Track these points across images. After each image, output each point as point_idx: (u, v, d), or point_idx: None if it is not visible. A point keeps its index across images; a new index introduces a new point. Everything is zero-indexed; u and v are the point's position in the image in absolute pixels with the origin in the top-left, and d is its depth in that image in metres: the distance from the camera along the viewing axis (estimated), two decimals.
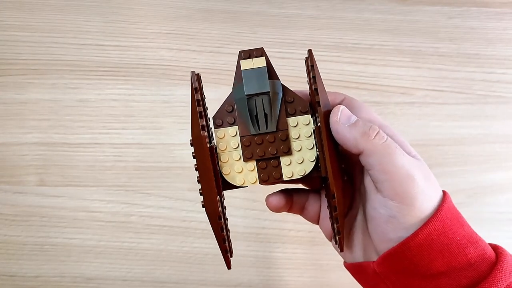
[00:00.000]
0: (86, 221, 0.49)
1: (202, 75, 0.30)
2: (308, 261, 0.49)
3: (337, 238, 0.29)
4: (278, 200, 0.31)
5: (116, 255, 0.49)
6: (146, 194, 0.50)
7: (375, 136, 0.26)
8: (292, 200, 0.32)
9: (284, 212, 0.32)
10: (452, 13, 0.54)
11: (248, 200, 0.50)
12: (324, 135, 0.27)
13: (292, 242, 0.50)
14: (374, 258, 0.29)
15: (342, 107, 0.28)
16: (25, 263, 0.48)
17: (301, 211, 0.33)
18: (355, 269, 0.31)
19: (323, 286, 0.50)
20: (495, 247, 0.28)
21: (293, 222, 0.49)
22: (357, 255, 0.31)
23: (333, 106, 0.28)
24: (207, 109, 0.31)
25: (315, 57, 0.28)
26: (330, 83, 0.51)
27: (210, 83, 0.51)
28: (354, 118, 0.27)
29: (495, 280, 0.25)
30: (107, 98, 0.51)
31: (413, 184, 0.26)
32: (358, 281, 0.31)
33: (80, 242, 0.49)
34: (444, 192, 0.28)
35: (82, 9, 0.52)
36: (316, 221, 0.33)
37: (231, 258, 0.30)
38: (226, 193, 0.30)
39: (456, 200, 0.51)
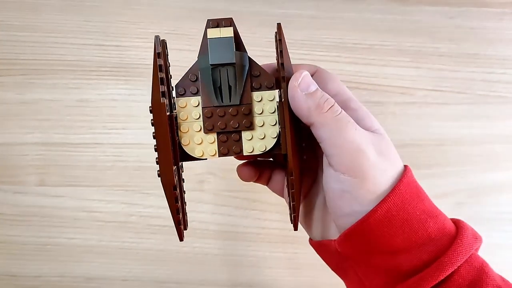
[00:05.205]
0: (86, 221, 0.49)
1: None
2: (308, 261, 0.50)
3: (292, 216, 0.29)
4: (249, 171, 0.31)
5: (116, 255, 0.49)
6: (146, 194, 0.50)
7: (328, 110, 0.26)
8: (259, 171, 0.32)
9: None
10: (452, 13, 0.54)
11: (248, 200, 0.50)
12: (286, 111, 0.26)
13: (292, 242, 0.50)
14: (335, 235, 0.28)
15: (304, 72, 0.27)
16: (26, 263, 0.49)
17: (267, 181, 0.33)
18: (319, 247, 0.30)
19: (323, 286, 0.50)
20: (456, 222, 0.27)
21: None
22: (322, 232, 0.30)
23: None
24: (171, 78, 0.29)
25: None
26: None
27: None
28: (313, 87, 0.26)
29: (454, 254, 0.25)
30: (107, 98, 0.51)
31: (363, 158, 0.25)
32: (323, 260, 0.30)
33: (80, 242, 0.49)
34: (405, 166, 0.27)
35: (82, 9, 0.52)
36: (282, 193, 0.33)
37: (185, 231, 0.29)
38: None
39: (456, 200, 0.51)
